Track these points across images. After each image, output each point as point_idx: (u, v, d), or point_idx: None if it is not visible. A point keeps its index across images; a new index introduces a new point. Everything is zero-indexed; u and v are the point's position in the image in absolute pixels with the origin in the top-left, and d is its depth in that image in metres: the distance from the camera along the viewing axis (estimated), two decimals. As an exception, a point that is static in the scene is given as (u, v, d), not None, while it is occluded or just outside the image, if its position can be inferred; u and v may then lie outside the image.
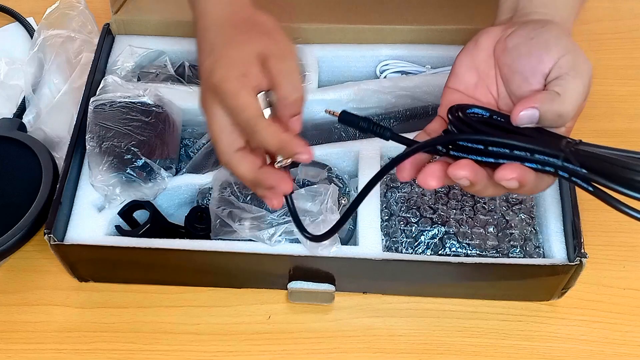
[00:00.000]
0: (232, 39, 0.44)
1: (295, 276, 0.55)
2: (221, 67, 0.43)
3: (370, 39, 0.65)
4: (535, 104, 0.41)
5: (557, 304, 0.57)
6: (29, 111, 0.65)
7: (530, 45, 0.43)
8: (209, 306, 0.57)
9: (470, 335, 0.55)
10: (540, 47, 0.43)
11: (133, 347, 0.55)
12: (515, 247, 0.56)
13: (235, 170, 0.44)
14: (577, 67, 0.42)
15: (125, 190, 0.55)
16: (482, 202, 0.57)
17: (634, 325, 0.56)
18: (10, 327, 0.56)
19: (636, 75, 0.70)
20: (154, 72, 0.64)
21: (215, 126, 0.44)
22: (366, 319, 0.56)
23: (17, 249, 0.57)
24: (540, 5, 0.46)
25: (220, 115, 0.43)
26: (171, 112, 0.59)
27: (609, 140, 0.66)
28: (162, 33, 0.66)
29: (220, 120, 0.43)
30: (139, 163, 0.55)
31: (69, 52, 0.67)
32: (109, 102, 0.57)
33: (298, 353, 0.54)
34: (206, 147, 0.61)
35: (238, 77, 0.42)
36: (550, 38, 0.43)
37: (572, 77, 0.42)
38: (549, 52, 0.43)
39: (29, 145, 0.60)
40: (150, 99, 0.58)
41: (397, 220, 0.57)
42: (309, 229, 0.47)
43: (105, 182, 0.55)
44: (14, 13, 0.75)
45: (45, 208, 0.56)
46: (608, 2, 0.76)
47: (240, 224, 0.53)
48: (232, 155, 0.44)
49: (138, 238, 0.54)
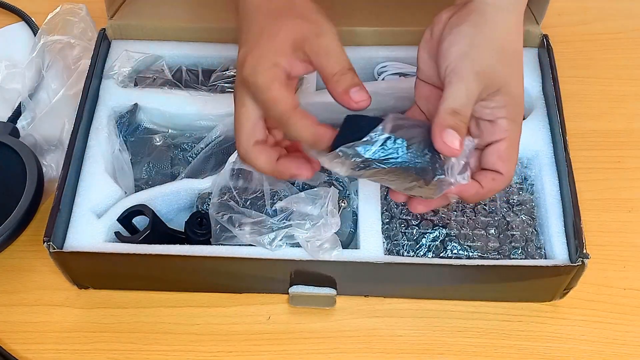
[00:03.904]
0: (264, 29, 0.43)
1: (296, 281, 0.55)
2: (252, 59, 0.42)
3: (368, 41, 0.65)
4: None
5: (557, 304, 0.57)
6: (24, 116, 0.65)
7: (449, 38, 0.43)
8: (209, 306, 0.57)
9: (471, 336, 0.55)
10: (448, 44, 0.43)
11: (133, 347, 0.55)
12: (517, 248, 0.56)
13: (252, 163, 0.44)
14: (463, 69, 0.42)
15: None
16: (482, 203, 0.57)
17: (634, 325, 0.56)
18: (10, 327, 0.56)
19: (636, 75, 0.70)
20: (151, 77, 0.64)
21: (240, 118, 0.44)
22: (366, 319, 0.56)
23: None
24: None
25: (248, 107, 0.43)
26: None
27: (609, 140, 0.66)
28: (159, 37, 0.65)
29: (246, 113, 0.43)
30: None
31: (68, 59, 0.67)
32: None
33: (298, 353, 0.55)
34: (205, 152, 0.61)
35: (269, 68, 0.41)
36: (460, 31, 0.43)
37: (456, 77, 0.42)
38: (450, 49, 0.42)
39: (16, 150, 0.60)
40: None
41: (398, 223, 0.56)
42: (309, 232, 0.47)
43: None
44: (20, 12, 0.74)
45: (27, 214, 0.56)
46: (608, 2, 0.76)
47: (240, 229, 0.52)
48: (251, 149, 0.44)
49: (138, 244, 0.54)
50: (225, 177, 0.55)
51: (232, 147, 0.61)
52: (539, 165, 0.58)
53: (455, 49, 0.42)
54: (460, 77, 0.42)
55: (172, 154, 0.62)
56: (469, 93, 0.42)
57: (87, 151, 0.59)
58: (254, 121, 0.43)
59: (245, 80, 0.42)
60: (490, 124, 0.44)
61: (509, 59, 0.43)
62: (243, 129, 0.44)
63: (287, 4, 0.44)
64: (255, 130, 0.44)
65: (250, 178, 0.55)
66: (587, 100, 0.68)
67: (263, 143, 0.44)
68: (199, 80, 0.64)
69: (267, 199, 0.54)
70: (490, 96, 0.43)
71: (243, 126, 0.43)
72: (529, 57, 0.64)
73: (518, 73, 0.44)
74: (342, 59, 0.42)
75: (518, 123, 0.45)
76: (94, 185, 0.57)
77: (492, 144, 0.44)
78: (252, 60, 0.42)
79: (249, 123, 0.43)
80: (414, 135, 0.42)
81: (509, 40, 0.44)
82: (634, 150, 0.65)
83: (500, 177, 0.44)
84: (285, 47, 0.42)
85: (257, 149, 0.44)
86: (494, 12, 0.43)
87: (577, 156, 0.57)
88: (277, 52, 0.42)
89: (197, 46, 0.65)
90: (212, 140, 0.61)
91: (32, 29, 0.72)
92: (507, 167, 0.44)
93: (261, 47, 0.42)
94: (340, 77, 0.42)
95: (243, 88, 0.43)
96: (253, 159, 0.44)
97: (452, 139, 0.41)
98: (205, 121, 0.62)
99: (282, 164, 0.44)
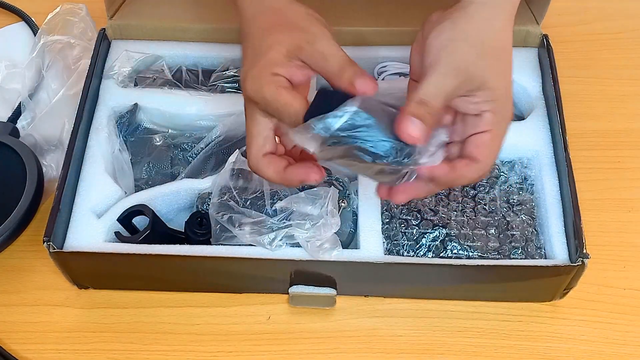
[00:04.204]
0: (258, 46, 0.44)
1: (296, 281, 0.55)
2: (252, 78, 0.43)
3: (368, 40, 0.65)
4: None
5: (557, 304, 0.57)
6: (24, 116, 0.65)
7: (432, 35, 0.44)
8: (209, 306, 0.57)
9: (471, 336, 0.55)
10: (430, 40, 0.43)
11: (133, 347, 0.55)
12: (517, 248, 0.56)
13: (262, 174, 0.46)
14: (439, 62, 0.42)
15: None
16: (482, 203, 0.57)
17: (634, 325, 0.56)
18: (10, 327, 0.56)
19: (636, 75, 0.70)
20: (151, 77, 0.64)
21: (252, 132, 0.45)
22: (366, 319, 0.56)
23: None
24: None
25: (259, 122, 0.45)
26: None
27: (609, 140, 0.66)
28: (159, 37, 0.65)
29: (257, 127, 0.45)
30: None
31: (68, 59, 0.67)
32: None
33: (298, 353, 0.55)
34: (205, 152, 0.61)
35: (270, 79, 0.43)
36: (442, 27, 0.43)
37: (431, 70, 0.42)
38: (431, 44, 0.43)
39: (16, 150, 0.60)
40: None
41: (398, 223, 0.56)
42: (309, 232, 0.47)
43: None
44: (20, 12, 0.74)
45: (27, 214, 0.57)
46: (608, 2, 0.76)
47: (240, 229, 0.53)
48: (260, 160, 0.45)
49: (138, 244, 0.54)
50: (225, 177, 0.55)
51: (232, 147, 0.61)
52: (539, 165, 0.58)
53: (435, 44, 0.43)
54: (434, 70, 0.42)
55: (172, 154, 0.62)
56: (441, 86, 0.42)
57: (87, 151, 0.59)
58: (265, 135, 0.45)
59: (252, 98, 0.44)
60: (475, 118, 0.44)
61: (492, 54, 0.44)
62: (254, 142, 0.45)
63: (278, 14, 0.45)
64: (266, 143, 0.45)
65: (250, 178, 0.55)
66: (587, 100, 0.68)
67: (272, 154, 0.46)
68: (199, 80, 0.64)
69: (267, 199, 0.54)
70: (472, 91, 0.43)
71: (254, 139, 0.45)
72: (529, 57, 0.64)
73: (503, 69, 0.44)
74: (339, 57, 0.43)
75: (504, 118, 0.45)
76: (94, 185, 0.57)
77: (474, 135, 0.44)
78: (252, 79, 0.43)
79: (260, 137, 0.45)
80: (382, 116, 0.42)
81: (492, 37, 0.44)
82: (633, 150, 0.65)
83: (475, 164, 0.44)
84: (280, 58, 0.43)
85: (267, 159, 0.45)
86: (477, 8, 0.44)
87: (577, 156, 0.57)
88: (273, 64, 0.43)
89: (197, 46, 0.65)
90: (212, 140, 0.61)
91: (32, 29, 0.72)
92: (485, 155, 0.44)
93: (258, 65, 0.43)
94: (343, 74, 0.43)
95: (251, 104, 0.45)
96: (263, 170, 0.45)
97: (412, 127, 0.41)
98: (205, 121, 0.62)
99: (290, 171, 0.45)
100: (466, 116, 0.44)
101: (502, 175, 0.59)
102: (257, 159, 0.45)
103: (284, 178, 0.45)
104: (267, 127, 0.45)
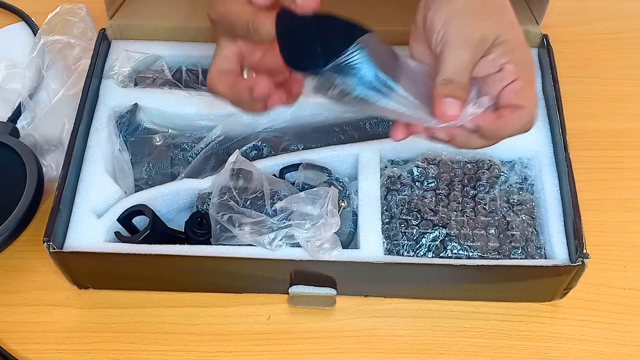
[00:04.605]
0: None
1: (296, 280, 0.55)
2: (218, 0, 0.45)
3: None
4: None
5: (557, 304, 0.57)
6: (24, 116, 0.65)
7: (430, 14, 0.44)
8: (209, 306, 0.57)
9: (471, 336, 0.55)
10: (430, 20, 0.44)
11: (133, 347, 0.55)
12: (517, 248, 0.56)
13: (216, 89, 0.47)
14: (449, 37, 0.43)
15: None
16: (482, 203, 0.57)
17: (634, 325, 0.56)
18: (10, 327, 0.56)
19: (636, 75, 0.70)
20: (151, 77, 0.64)
21: (215, 54, 0.47)
22: (366, 319, 0.56)
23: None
24: None
25: (221, 44, 0.47)
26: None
27: (609, 140, 0.66)
28: (159, 37, 0.65)
29: (219, 50, 0.47)
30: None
31: (68, 59, 0.67)
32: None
33: (298, 353, 0.55)
34: (205, 152, 0.61)
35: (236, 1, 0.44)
36: (438, 3, 0.43)
37: (445, 47, 0.43)
38: (433, 23, 0.44)
39: (16, 150, 0.60)
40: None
41: (397, 223, 0.56)
42: (309, 232, 0.47)
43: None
44: (20, 12, 0.74)
45: (27, 214, 0.57)
46: (608, 2, 0.76)
47: (240, 229, 0.52)
48: (215, 77, 0.47)
49: (138, 244, 0.54)
50: (225, 177, 0.55)
51: (232, 147, 0.61)
52: (539, 165, 0.58)
53: (436, 21, 0.43)
54: (447, 47, 0.43)
55: (172, 154, 0.62)
56: (460, 59, 0.43)
57: (87, 151, 0.59)
58: (224, 54, 0.47)
59: (216, 20, 0.46)
60: (499, 74, 0.44)
61: (494, 11, 0.44)
62: (213, 61, 0.47)
63: None
64: (223, 62, 0.47)
65: (250, 178, 0.55)
66: (587, 100, 0.68)
67: (228, 73, 0.47)
68: (199, 80, 0.64)
69: (267, 199, 0.54)
70: (487, 51, 0.43)
71: (214, 59, 0.47)
72: (529, 57, 0.64)
73: (509, 21, 0.45)
74: None
75: (527, 64, 0.44)
76: (94, 185, 0.57)
77: (504, 88, 0.44)
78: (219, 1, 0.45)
79: (218, 57, 0.47)
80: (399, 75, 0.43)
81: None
82: (633, 150, 0.65)
83: (519, 110, 0.43)
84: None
85: (222, 76, 0.47)
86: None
87: (577, 156, 0.57)
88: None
89: (197, 46, 0.65)
90: (212, 140, 0.61)
91: (32, 29, 0.72)
92: (527, 101, 0.44)
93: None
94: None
95: (216, 27, 0.46)
96: (217, 85, 0.47)
97: (447, 107, 0.42)
98: (205, 121, 0.62)
99: (239, 83, 0.47)
100: (489, 77, 0.44)
101: (502, 175, 0.59)
102: (213, 76, 0.47)
103: (234, 91, 0.46)
104: (227, 47, 0.47)
